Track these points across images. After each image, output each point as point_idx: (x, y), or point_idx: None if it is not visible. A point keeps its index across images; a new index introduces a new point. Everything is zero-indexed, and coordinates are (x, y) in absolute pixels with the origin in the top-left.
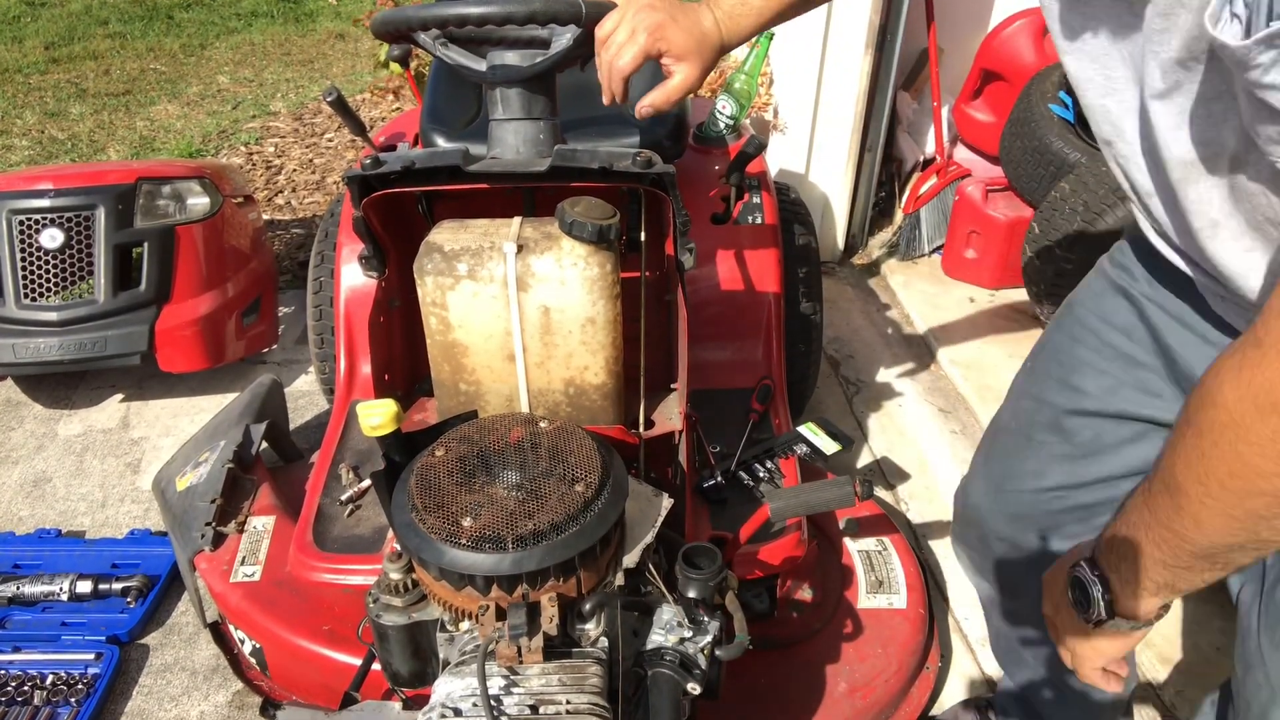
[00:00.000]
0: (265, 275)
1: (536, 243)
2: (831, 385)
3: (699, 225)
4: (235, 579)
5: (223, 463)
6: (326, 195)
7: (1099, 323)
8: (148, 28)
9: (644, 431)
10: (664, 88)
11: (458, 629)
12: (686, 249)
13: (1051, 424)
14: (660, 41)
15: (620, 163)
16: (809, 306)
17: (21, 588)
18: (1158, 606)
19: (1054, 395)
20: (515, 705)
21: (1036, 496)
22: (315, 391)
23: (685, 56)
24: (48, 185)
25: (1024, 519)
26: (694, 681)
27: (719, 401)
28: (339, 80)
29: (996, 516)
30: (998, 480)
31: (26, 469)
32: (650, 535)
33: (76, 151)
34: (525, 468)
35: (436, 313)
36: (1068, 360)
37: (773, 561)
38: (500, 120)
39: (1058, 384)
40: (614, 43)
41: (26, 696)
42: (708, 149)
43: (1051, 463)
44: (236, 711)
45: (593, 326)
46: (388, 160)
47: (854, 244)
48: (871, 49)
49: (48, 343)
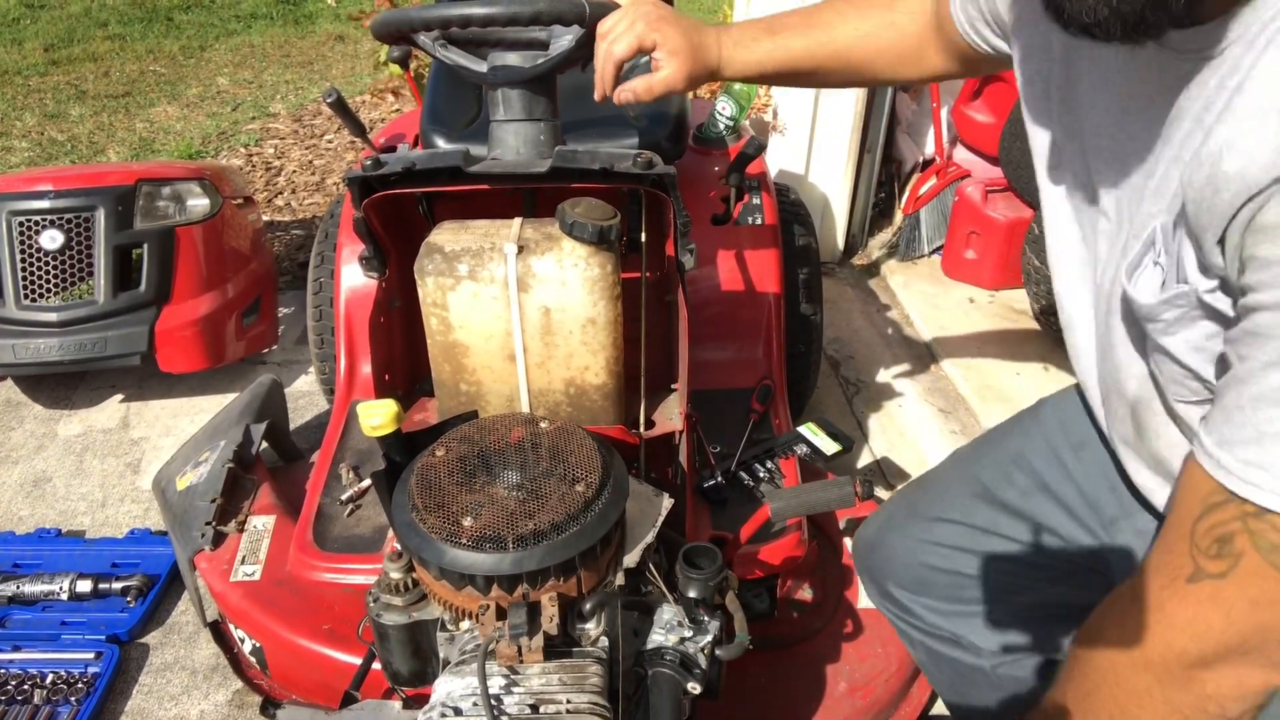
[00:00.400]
0: (265, 276)
1: (537, 243)
2: (832, 385)
3: (699, 226)
4: (235, 578)
5: (223, 462)
6: (326, 196)
7: (1056, 428)
8: (147, 30)
9: (644, 432)
10: (647, 79)
11: (458, 628)
12: (687, 250)
13: (970, 491)
14: (655, 34)
15: (621, 164)
16: (809, 307)
17: (21, 587)
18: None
19: (986, 470)
20: (515, 705)
21: (922, 545)
22: (315, 391)
23: (676, 54)
24: (48, 186)
25: (906, 565)
26: (694, 681)
27: (719, 402)
28: (339, 82)
29: (886, 551)
30: (900, 516)
31: (26, 469)
32: (651, 535)
33: (76, 153)
34: (526, 468)
35: (437, 313)
36: (1012, 447)
37: (773, 561)
38: (501, 121)
39: (993, 463)
40: (613, 34)
41: (26, 695)
42: (708, 150)
43: (953, 519)
44: (236, 711)
45: (593, 327)
46: (388, 161)
47: (854, 245)
48: None
49: (48, 343)
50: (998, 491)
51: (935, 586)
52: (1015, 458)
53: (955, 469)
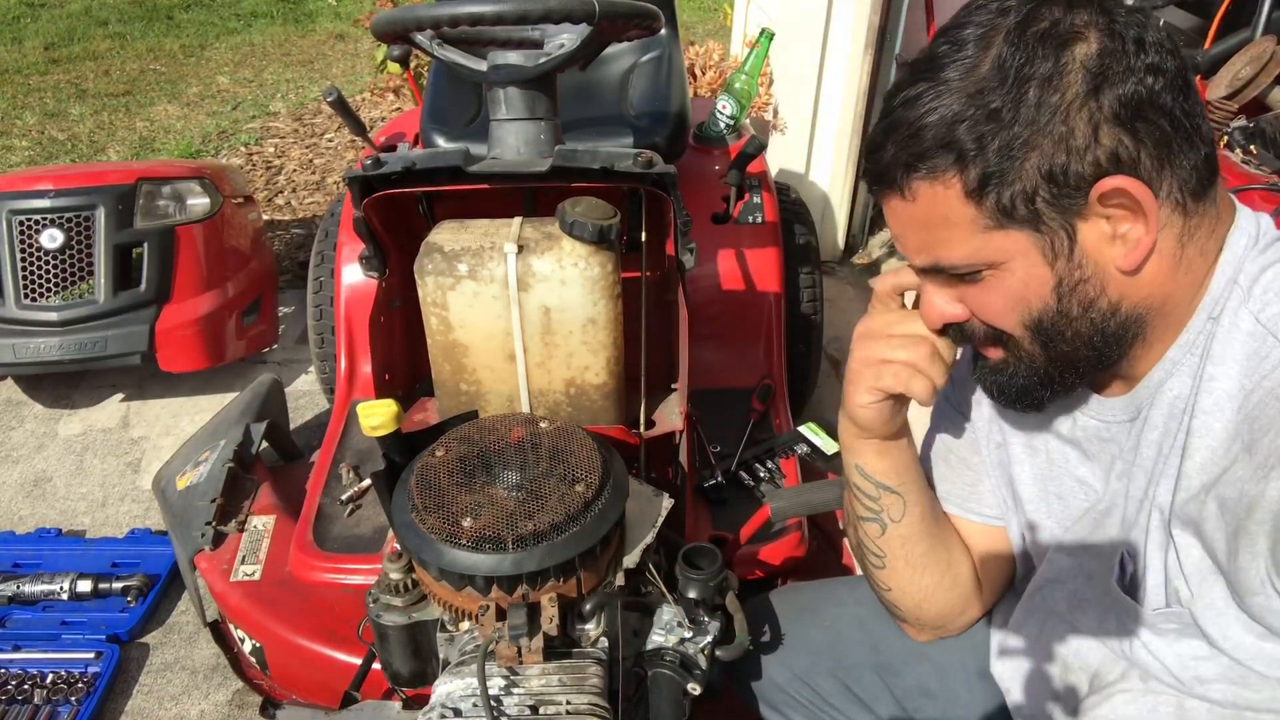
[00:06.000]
0: (265, 275)
1: (537, 243)
2: (832, 385)
3: (699, 225)
4: (235, 578)
5: (223, 462)
6: (326, 195)
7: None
8: (147, 28)
9: (645, 431)
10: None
11: (458, 629)
12: (687, 249)
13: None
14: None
15: (621, 163)
16: (809, 306)
17: (22, 587)
18: None
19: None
20: (515, 705)
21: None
22: (315, 391)
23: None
24: (48, 186)
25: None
26: (694, 682)
27: (720, 401)
28: (339, 81)
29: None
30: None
31: (27, 468)
32: (651, 535)
33: (76, 152)
34: (525, 468)
35: (437, 313)
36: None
37: (773, 561)
38: (501, 120)
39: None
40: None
41: (27, 695)
42: (708, 149)
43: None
44: (236, 710)
45: (593, 326)
46: (389, 161)
47: (854, 243)
48: (871, 49)
49: (48, 343)
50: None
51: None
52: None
53: (862, 629)
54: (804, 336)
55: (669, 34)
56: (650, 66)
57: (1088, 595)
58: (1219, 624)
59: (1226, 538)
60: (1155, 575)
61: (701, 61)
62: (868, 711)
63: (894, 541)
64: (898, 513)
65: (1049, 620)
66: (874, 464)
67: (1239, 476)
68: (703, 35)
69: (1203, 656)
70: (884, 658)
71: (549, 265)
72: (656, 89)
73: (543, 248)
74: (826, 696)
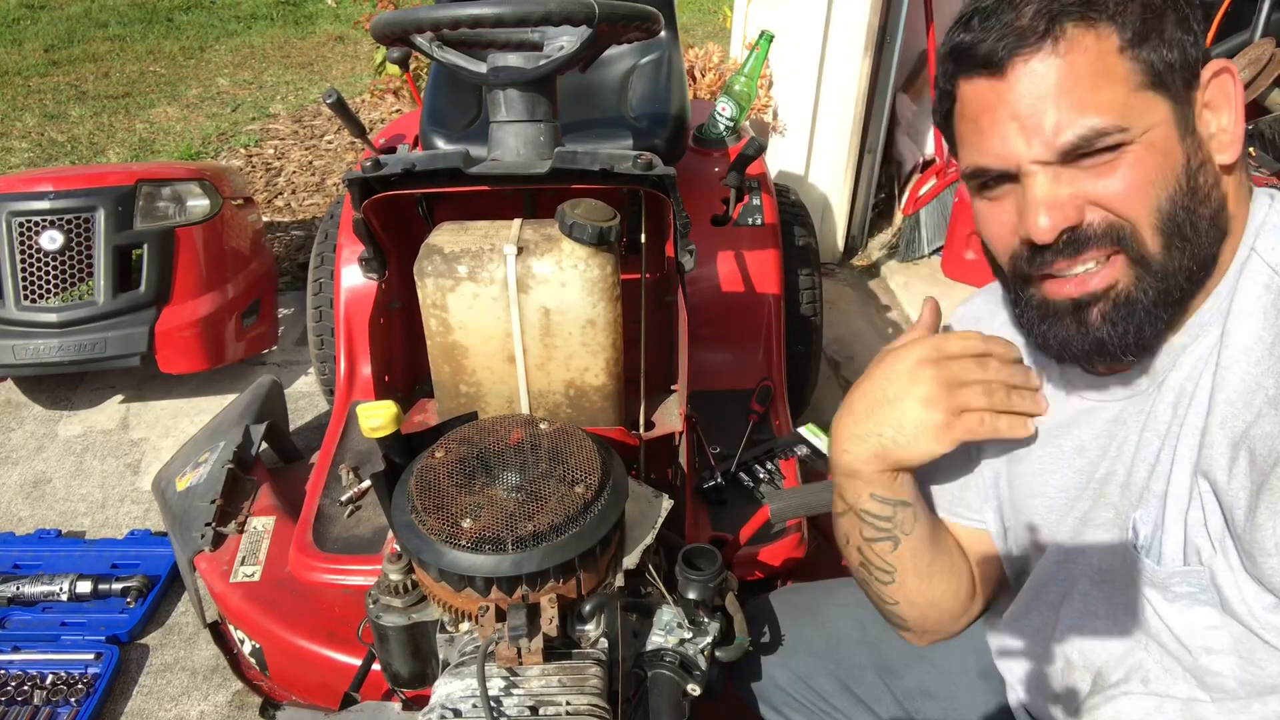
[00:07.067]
0: (265, 277)
1: (537, 245)
2: (832, 386)
3: (699, 227)
4: (235, 579)
5: (223, 463)
6: (326, 197)
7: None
8: (147, 30)
9: (644, 433)
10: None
11: (458, 630)
12: (687, 250)
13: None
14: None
15: (621, 165)
16: (809, 308)
17: (21, 588)
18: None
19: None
20: (515, 706)
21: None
22: (315, 392)
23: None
24: (48, 187)
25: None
26: (694, 683)
27: (719, 403)
28: (338, 83)
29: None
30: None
31: (26, 469)
32: (650, 536)
33: (76, 154)
34: (525, 469)
35: (437, 314)
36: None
37: (773, 563)
38: (501, 122)
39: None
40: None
41: (26, 696)
42: (707, 151)
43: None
44: (236, 711)
45: (593, 328)
46: (388, 162)
47: (854, 245)
48: (871, 50)
49: (48, 344)
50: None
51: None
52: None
53: (861, 631)
54: (803, 338)
55: (668, 36)
56: (650, 69)
57: (1095, 576)
58: (1237, 582)
59: (1249, 494)
60: (1174, 536)
61: (701, 64)
62: (868, 712)
63: (905, 555)
64: (909, 525)
65: (1051, 615)
66: (889, 487)
67: (1268, 432)
68: (702, 37)
69: (1214, 625)
70: (885, 658)
71: (549, 267)
72: (656, 91)
73: (542, 249)
74: (827, 697)
